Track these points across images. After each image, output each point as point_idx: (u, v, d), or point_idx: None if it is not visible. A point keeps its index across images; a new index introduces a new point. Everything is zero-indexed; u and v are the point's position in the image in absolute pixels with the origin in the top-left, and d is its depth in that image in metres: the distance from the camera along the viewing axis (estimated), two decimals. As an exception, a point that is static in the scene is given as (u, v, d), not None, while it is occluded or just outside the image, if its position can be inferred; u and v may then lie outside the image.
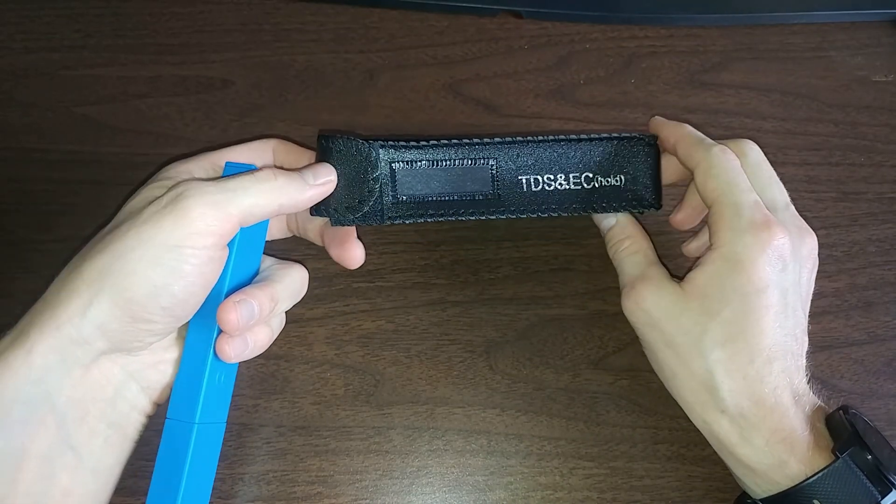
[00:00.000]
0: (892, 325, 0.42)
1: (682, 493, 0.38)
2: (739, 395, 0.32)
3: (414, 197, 0.36)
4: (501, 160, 0.36)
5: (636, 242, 0.37)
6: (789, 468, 0.31)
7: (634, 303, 0.35)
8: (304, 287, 0.37)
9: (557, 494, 0.38)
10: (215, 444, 0.34)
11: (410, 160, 0.35)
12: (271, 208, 0.32)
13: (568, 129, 0.45)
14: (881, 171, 0.45)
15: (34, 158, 0.43)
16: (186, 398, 0.33)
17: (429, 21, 0.48)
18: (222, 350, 0.33)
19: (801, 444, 0.31)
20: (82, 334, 0.29)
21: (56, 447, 0.29)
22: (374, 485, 0.38)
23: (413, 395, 0.40)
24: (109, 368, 0.31)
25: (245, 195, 0.31)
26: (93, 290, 0.29)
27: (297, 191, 0.33)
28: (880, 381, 0.41)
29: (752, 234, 0.32)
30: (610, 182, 0.37)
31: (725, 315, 0.32)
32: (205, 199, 0.30)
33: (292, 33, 0.47)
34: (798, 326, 0.33)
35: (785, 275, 0.33)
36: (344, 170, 0.35)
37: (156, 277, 0.30)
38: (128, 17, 0.47)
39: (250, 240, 0.34)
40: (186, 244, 0.30)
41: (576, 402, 0.40)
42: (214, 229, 0.30)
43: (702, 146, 0.35)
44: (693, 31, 0.49)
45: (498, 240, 0.42)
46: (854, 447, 0.31)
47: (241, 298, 0.33)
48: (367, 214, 0.35)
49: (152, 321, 0.30)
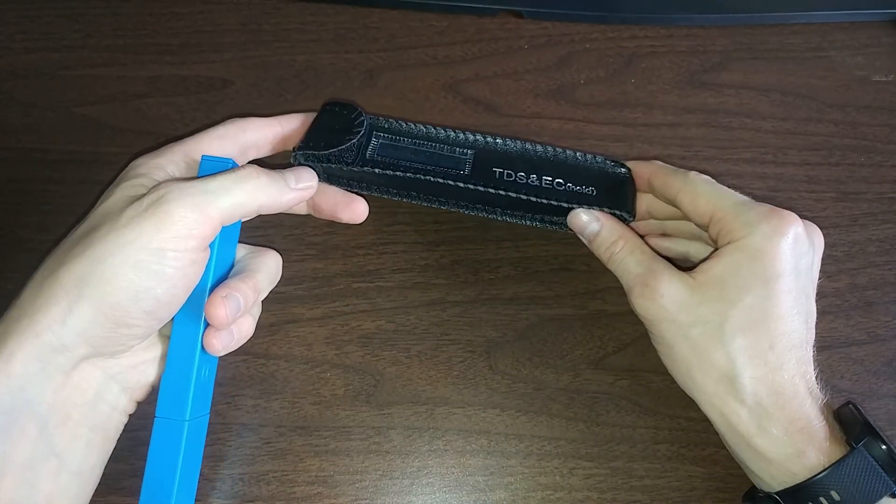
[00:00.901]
0: (892, 325, 0.42)
1: (682, 493, 0.38)
2: (759, 383, 0.32)
3: (387, 158, 0.37)
4: (480, 152, 0.38)
5: (630, 241, 0.36)
6: (807, 458, 0.31)
7: (650, 299, 0.34)
8: (279, 272, 0.37)
9: (557, 494, 0.38)
10: (201, 436, 0.35)
11: (394, 135, 0.38)
12: (251, 209, 0.32)
13: (568, 129, 0.45)
14: (881, 171, 0.45)
15: (34, 158, 0.43)
16: (175, 396, 0.33)
17: (429, 21, 0.48)
18: (210, 344, 0.32)
19: (819, 434, 0.31)
20: (63, 342, 0.29)
21: (38, 453, 0.29)
22: (374, 485, 0.38)
23: (413, 395, 0.40)
24: (90, 372, 0.31)
25: (227, 196, 0.31)
26: (72, 297, 0.29)
27: (279, 192, 0.33)
28: (880, 381, 0.41)
29: (767, 223, 0.32)
30: (581, 190, 0.37)
31: (747, 302, 0.32)
32: (186, 201, 0.30)
33: (292, 33, 0.47)
34: (811, 316, 0.34)
35: (801, 261, 0.33)
36: (331, 122, 0.37)
37: (138, 282, 0.29)
38: (128, 17, 0.47)
39: (228, 234, 0.34)
40: (168, 247, 0.30)
41: (576, 402, 0.40)
42: (196, 232, 0.30)
43: (678, 174, 0.36)
44: (693, 31, 0.49)
45: (498, 240, 0.42)
46: (868, 437, 0.31)
47: (228, 293, 0.32)
48: (341, 154, 0.36)
49: (134, 325, 0.30)
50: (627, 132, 0.45)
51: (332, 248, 0.42)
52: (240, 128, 0.37)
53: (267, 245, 0.39)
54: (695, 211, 0.35)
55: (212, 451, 0.38)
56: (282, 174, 0.34)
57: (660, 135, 0.45)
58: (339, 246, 0.42)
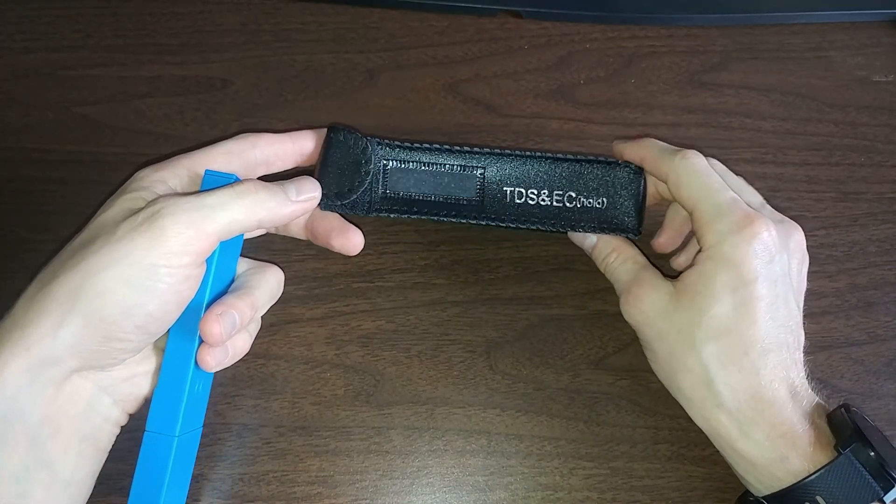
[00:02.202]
0: (892, 325, 0.42)
1: (682, 493, 0.38)
2: (736, 389, 0.32)
3: (401, 194, 0.37)
4: (489, 170, 0.38)
5: (623, 252, 0.37)
6: (791, 463, 0.31)
7: (632, 305, 0.35)
8: (280, 288, 0.37)
9: (557, 495, 0.38)
10: (191, 451, 0.35)
11: (403, 159, 0.37)
12: (250, 223, 0.32)
13: (568, 129, 0.45)
14: (881, 171, 0.45)
15: (34, 158, 0.43)
16: (166, 411, 0.32)
17: (429, 21, 0.48)
18: (204, 361, 0.32)
19: (802, 440, 0.31)
20: (54, 354, 0.29)
21: (29, 464, 0.29)
22: (374, 485, 0.38)
23: (413, 395, 0.40)
24: (82, 384, 0.31)
25: (223, 211, 0.31)
26: (63, 310, 0.29)
27: (279, 205, 0.33)
28: (880, 381, 0.41)
29: (736, 233, 0.33)
30: (592, 203, 0.38)
31: (716, 310, 0.33)
32: (181, 217, 0.30)
33: (292, 33, 0.47)
34: (791, 319, 0.34)
35: (773, 266, 0.33)
36: (341, 159, 0.36)
37: (130, 297, 0.29)
38: (128, 17, 0.47)
39: (228, 249, 0.34)
40: (161, 263, 0.29)
41: (576, 402, 0.40)
42: (191, 248, 0.30)
43: (665, 157, 0.36)
44: (693, 31, 0.49)
45: (498, 240, 0.42)
46: (856, 443, 0.31)
47: (223, 310, 0.32)
48: (356, 203, 0.36)
49: (126, 339, 0.30)
50: (627, 132, 0.45)
51: (332, 248, 0.42)
52: (250, 143, 0.36)
53: (267, 245, 0.40)
54: (679, 199, 0.36)
55: (212, 451, 0.38)
56: (282, 186, 0.33)
57: (660, 135, 0.45)
58: (339, 246, 0.42)
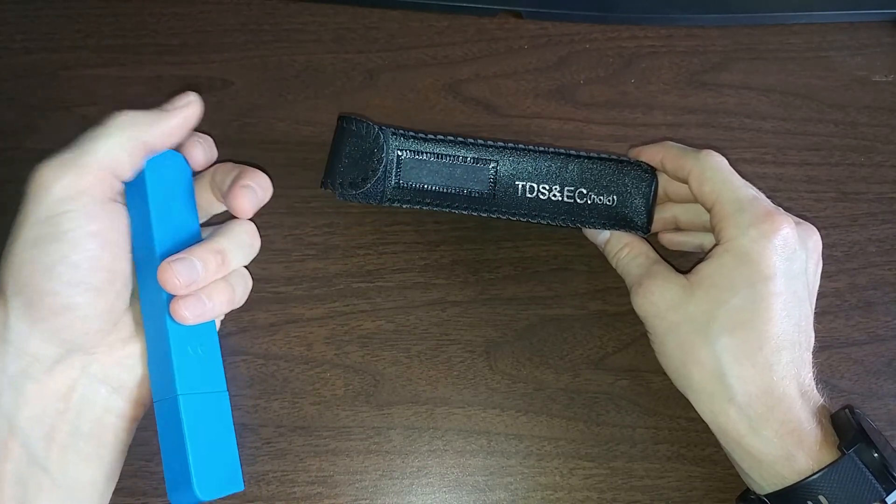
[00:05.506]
0: (892, 325, 0.42)
1: (682, 493, 0.38)
2: (748, 384, 0.32)
3: (414, 184, 0.38)
4: (503, 163, 0.38)
5: (635, 247, 0.38)
6: (797, 462, 0.31)
7: (643, 297, 0.35)
8: (252, 238, 0.34)
9: (557, 495, 0.38)
10: (218, 412, 0.32)
11: (417, 150, 0.38)
12: (134, 145, 0.31)
13: (568, 129, 0.45)
14: (881, 171, 0.45)
15: (34, 158, 0.43)
16: (161, 374, 0.31)
17: (429, 21, 0.48)
18: (177, 313, 0.30)
19: (810, 438, 0.31)
20: (16, 345, 0.28)
21: (25, 471, 0.28)
22: (374, 485, 0.38)
23: (413, 395, 0.40)
24: (68, 375, 0.30)
25: (97, 142, 0.30)
26: (2, 300, 0.28)
27: (156, 119, 0.32)
28: (880, 381, 0.41)
29: (757, 227, 0.33)
30: (602, 200, 0.38)
31: (734, 303, 0.32)
32: (54, 163, 0.29)
33: (292, 33, 0.47)
34: (805, 318, 0.34)
35: (792, 264, 0.33)
36: (355, 149, 0.37)
37: (44, 255, 0.28)
38: (128, 17, 0.47)
39: (172, 198, 0.33)
40: (56, 212, 0.29)
41: (576, 402, 0.40)
42: (78, 187, 0.29)
43: (689, 155, 0.36)
44: (693, 31, 0.49)
45: (498, 240, 0.42)
46: (860, 444, 0.31)
47: (179, 257, 0.31)
48: (369, 192, 0.37)
49: (73, 304, 0.29)
50: (627, 132, 0.45)
51: (331, 248, 0.42)
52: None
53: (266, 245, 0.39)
54: (701, 195, 0.36)
55: (212, 451, 0.38)
56: (158, 107, 0.32)
57: (660, 135, 0.45)
58: (338, 246, 0.42)
